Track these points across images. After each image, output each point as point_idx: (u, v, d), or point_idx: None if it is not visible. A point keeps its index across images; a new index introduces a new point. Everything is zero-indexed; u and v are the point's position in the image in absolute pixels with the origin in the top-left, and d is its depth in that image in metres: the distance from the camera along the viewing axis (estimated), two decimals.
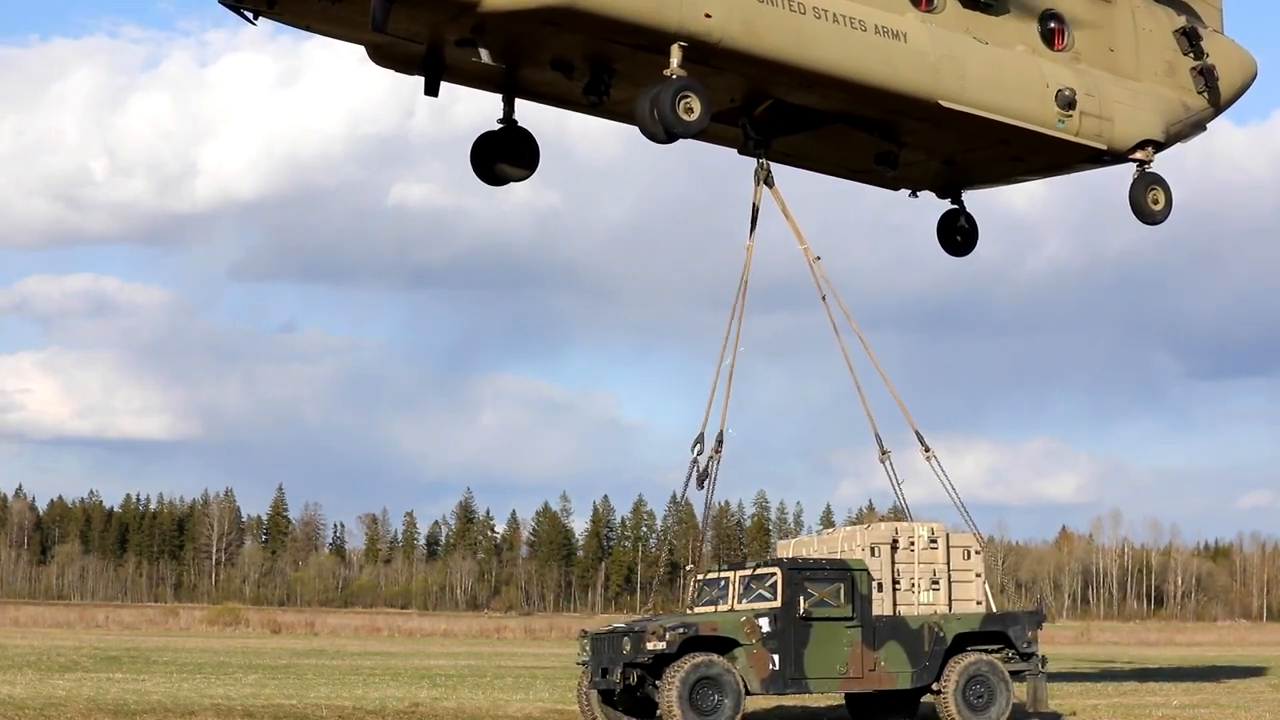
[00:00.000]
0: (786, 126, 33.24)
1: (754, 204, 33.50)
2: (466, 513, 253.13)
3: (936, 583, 30.95)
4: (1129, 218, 36.26)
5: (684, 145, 29.79)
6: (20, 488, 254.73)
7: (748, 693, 28.91)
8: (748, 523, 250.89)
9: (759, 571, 30.11)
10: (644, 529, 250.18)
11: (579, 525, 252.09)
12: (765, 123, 32.98)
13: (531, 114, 32.92)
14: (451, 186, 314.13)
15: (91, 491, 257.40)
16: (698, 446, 31.49)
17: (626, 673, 28.85)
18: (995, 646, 30.87)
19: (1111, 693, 40.99)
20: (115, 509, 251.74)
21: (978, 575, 31.48)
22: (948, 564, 31.13)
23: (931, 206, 38.94)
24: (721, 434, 31.44)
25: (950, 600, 31.02)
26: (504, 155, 32.87)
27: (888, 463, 32.60)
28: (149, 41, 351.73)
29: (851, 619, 29.71)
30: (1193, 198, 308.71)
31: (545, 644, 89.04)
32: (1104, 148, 34.79)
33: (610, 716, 29.99)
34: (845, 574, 29.85)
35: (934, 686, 30.25)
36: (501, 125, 32.75)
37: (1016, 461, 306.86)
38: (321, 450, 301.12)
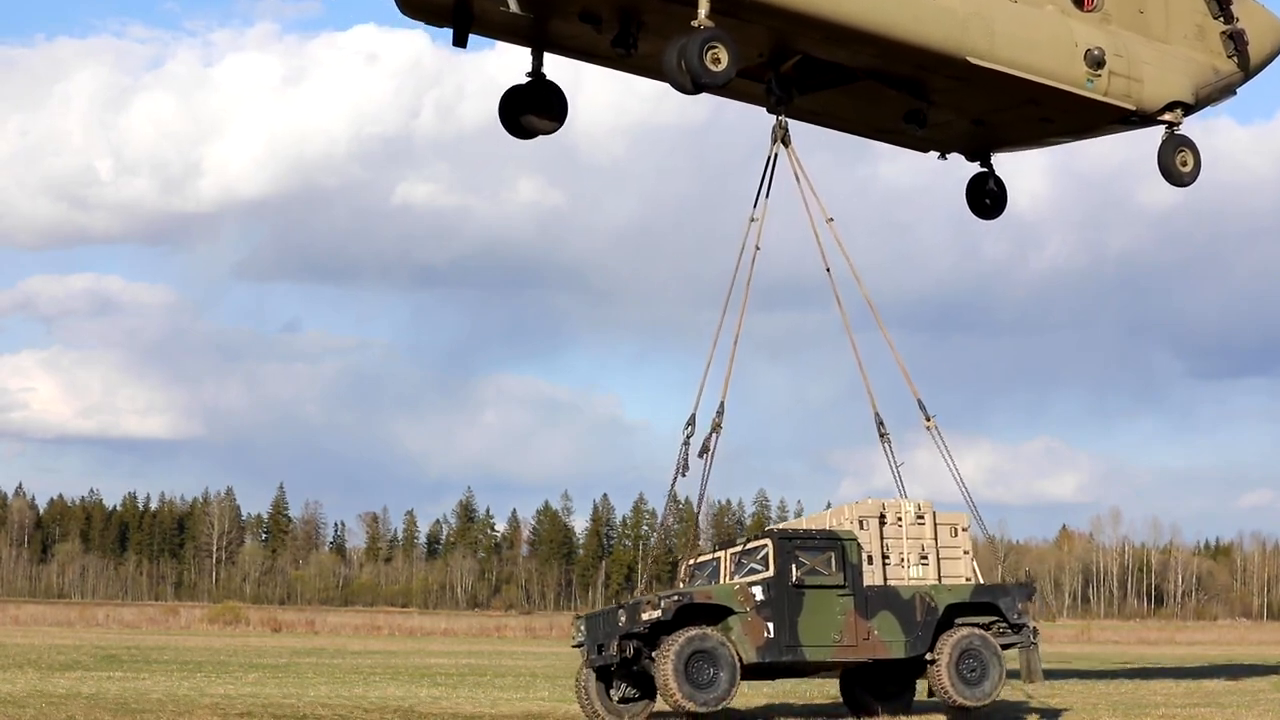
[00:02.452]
0: (814, 83, 33.25)
1: (768, 163, 33.08)
2: (467, 511, 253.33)
3: (925, 558, 30.89)
4: (1130, 218, 36.40)
5: (687, 145, 29.88)
6: (20, 486, 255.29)
7: (742, 663, 28.93)
8: (748, 521, 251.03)
9: (749, 545, 30.18)
10: (645, 528, 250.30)
11: (579, 524, 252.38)
12: (792, 79, 32.92)
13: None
14: (455, 187, 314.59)
15: (92, 490, 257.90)
16: (689, 429, 31.23)
17: (623, 645, 28.81)
18: (987, 619, 30.81)
19: (1111, 692, 40.97)
20: (116, 508, 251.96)
21: (966, 552, 31.41)
22: (935, 540, 31.11)
23: (932, 209, 39.00)
24: (722, 406, 31.21)
25: (940, 575, 31.00)
26: (532, 108, 32.99)
27: (886, 443, 32.46)
28: (155, 41, 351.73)
29: (844, 587, 29.76)
30: (1195, 197, 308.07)
31: (545, 643, 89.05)
32: (1133, 108, 34.91)
33: (608, 705, 29.98)
34: (835, 543, 29.94)
35: (927, 657, 30.25)
36: (530, 79, 32.83)
37: (1017, 461, 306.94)
38: (323, 449, 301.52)
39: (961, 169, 39.11)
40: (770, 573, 29.37)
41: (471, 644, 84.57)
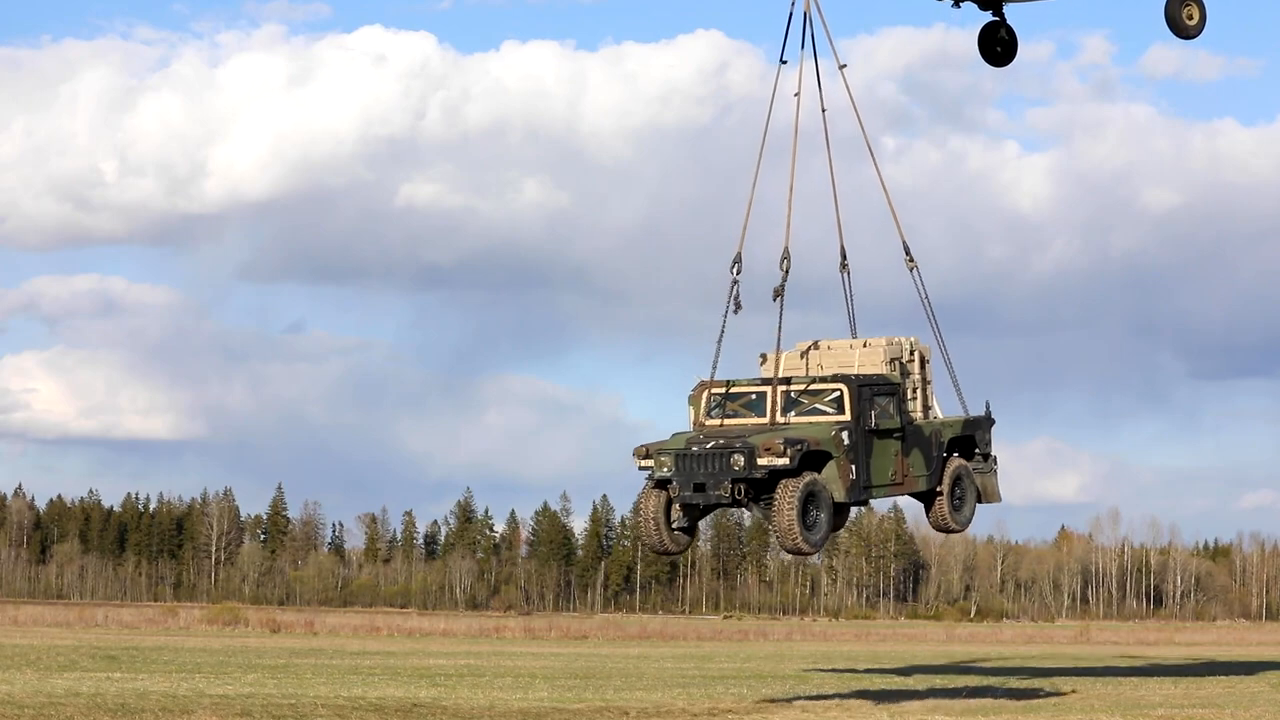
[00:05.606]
0: None
1: (791, 12, 33.36)
2: (465, 512, 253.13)
3: (915, 391, 32.70)
4: (1133, 219, 36.65)
5: (692, 147, 29.96)
6: (20, 487, 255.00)
7: (834, 504, 30.09)
8: (747, 522, 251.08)
9: (816, 386, 30.95)
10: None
11: (579, 525, 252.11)
12: None
13: (539, 114, 32.98)
14: (461, 187, 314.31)
15: (91, 490, 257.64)
16: (736, 266, 31.76)
17: (736, 488, 29.51)
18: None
19: (1111, 692, 40.95)
20: (114, 508, 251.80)
21: (929, 382, 33.12)
22: (922, 375, 32.88)
23: (935, 210, 38.94)
24: (786, 250, 31.73)
25: (924, 407, 32.74)
26: None
27: (845, 274, 33.15)
28: (162, 43, 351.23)
29: (900, 430, 31.36)
30: (1198, 199, 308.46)
31: (545, 643, 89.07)
32: None
33: (671, 535, 30.90)
34: (895, 388, 31.48)
35: (938, 489, 32.21)
36: None
37: (1019, 461, 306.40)
38: (323, 450, 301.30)
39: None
40: (848, 417, 30.40)
41: (470, 644, 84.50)
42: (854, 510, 32.84)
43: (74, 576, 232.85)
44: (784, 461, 29.30)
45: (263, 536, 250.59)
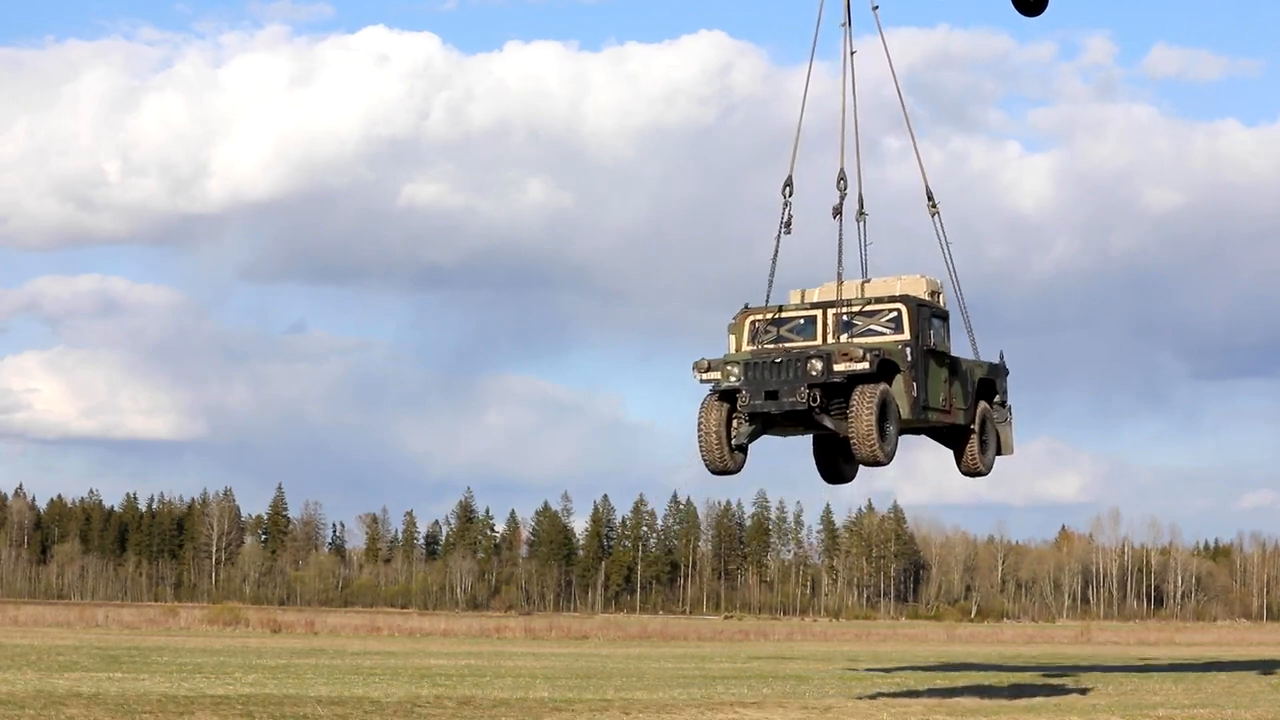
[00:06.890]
0: None
1: None
2: (466, 512, 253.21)
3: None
4: (1134, 219, 36.79)
5: (694, 147, 29.97)
6: (20, 487, 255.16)
7: (900, 418, 30.07)
8: (748, 522, 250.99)
9: (872, 307, 30.76)
10: (644, 529, 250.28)
11: (579, 525, 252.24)
12: None
13: (541, 114, 32.99)
14: (462, 187, 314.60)
15: (91, 490, 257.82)
16: (788, 189, 31.58)
17: (812, 394, 29.32)
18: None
19: (1111, 692, 40.96)
20: (115, 508, 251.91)
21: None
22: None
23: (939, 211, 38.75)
24: (843, 170, 31.62)
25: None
26: None
27: (862, 223, 32.62)
28: (165, 44, 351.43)
29: (948, 355, 31.49)
30: (1199, 199, 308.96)
31: (545, 644, 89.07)
32: None
33: (730, 452, 30.48)
34: (946, 314, 31.58)
35: (971, 427, 32.25)
36: None
37: (1019, 461, 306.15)
38: (324, 450, 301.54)
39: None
40: (907, 335, 30.34)
41: (471, 645, 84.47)
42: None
43: (74, 576, 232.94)
44: (863, 366, 29.14)
45: (263, 536, 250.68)
